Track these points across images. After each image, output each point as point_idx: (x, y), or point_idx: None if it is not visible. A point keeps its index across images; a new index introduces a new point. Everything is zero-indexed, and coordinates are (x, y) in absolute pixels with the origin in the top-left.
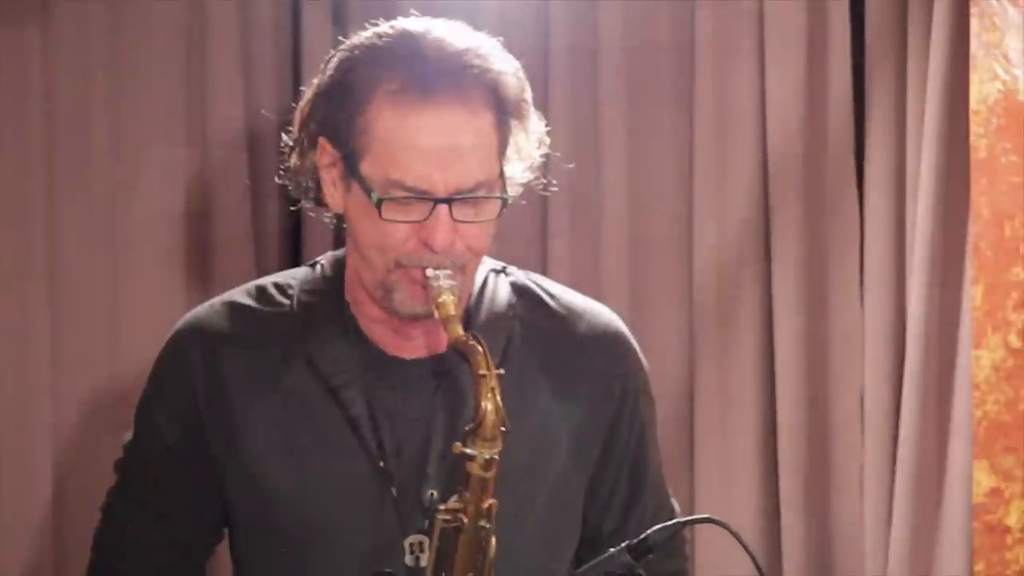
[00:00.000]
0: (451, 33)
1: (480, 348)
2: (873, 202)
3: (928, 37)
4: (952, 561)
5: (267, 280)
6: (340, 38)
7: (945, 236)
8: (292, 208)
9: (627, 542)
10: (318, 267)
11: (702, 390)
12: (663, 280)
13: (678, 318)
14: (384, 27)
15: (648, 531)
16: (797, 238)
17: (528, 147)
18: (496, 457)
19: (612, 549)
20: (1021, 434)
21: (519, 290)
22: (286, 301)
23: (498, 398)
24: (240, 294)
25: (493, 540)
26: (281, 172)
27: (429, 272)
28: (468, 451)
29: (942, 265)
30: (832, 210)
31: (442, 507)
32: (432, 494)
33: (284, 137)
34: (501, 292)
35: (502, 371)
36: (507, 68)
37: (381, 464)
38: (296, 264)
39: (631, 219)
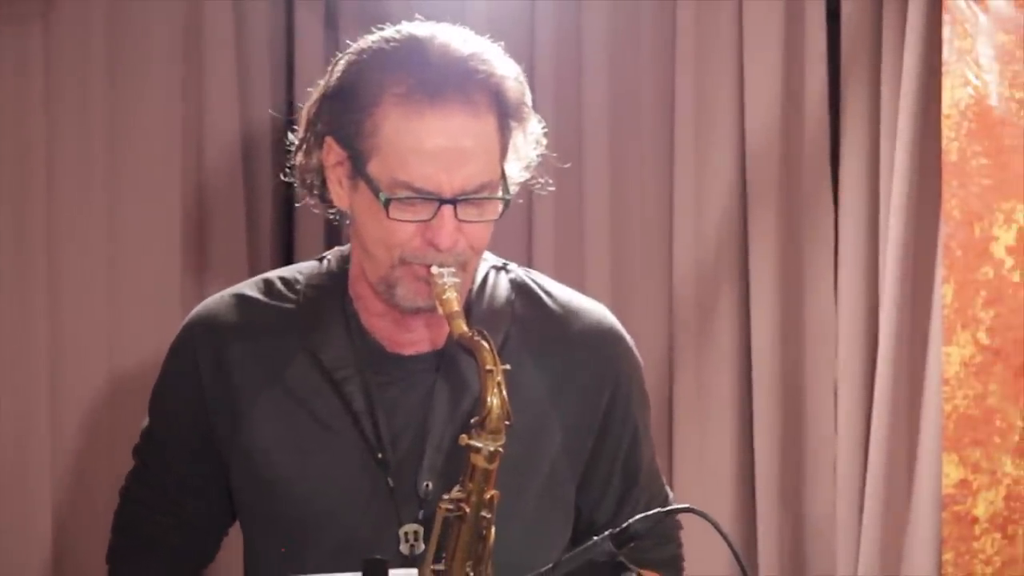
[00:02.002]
0: (456, 38)
1: (486, 344)
2: (847, 201)
3: (902, 42)
4: (922, 550)
5: (274, 274)
6: (334, 40)
7: (917, 236)
8: (290, 207)
9: (609, 531)
10: (325, 262)
11: (681, 384)
12: (643, 276)
13: (658, 313)
14: (390, 32)
15: (629, 521)
16: (774, 235)
17: (525, 147)
18: (500, 450)
19: (595, 538)
20: (988, 428)
21: (518, 287)
22: (292, 295)
23: (504, 392)
24: (249, 287)
25: (493, 529)
26: (286, 170)
27: (434, 270)
28: (474, 443)
29: (914, 264)
30: (808, 208)
31: (445, 497)
32: (428, 485)
33: (290, 136)
34: (500, 289)
35: (508, 367)
36: (509, 73)
37: (379, 456)
38: (288, 263)
39: (613, 215)
